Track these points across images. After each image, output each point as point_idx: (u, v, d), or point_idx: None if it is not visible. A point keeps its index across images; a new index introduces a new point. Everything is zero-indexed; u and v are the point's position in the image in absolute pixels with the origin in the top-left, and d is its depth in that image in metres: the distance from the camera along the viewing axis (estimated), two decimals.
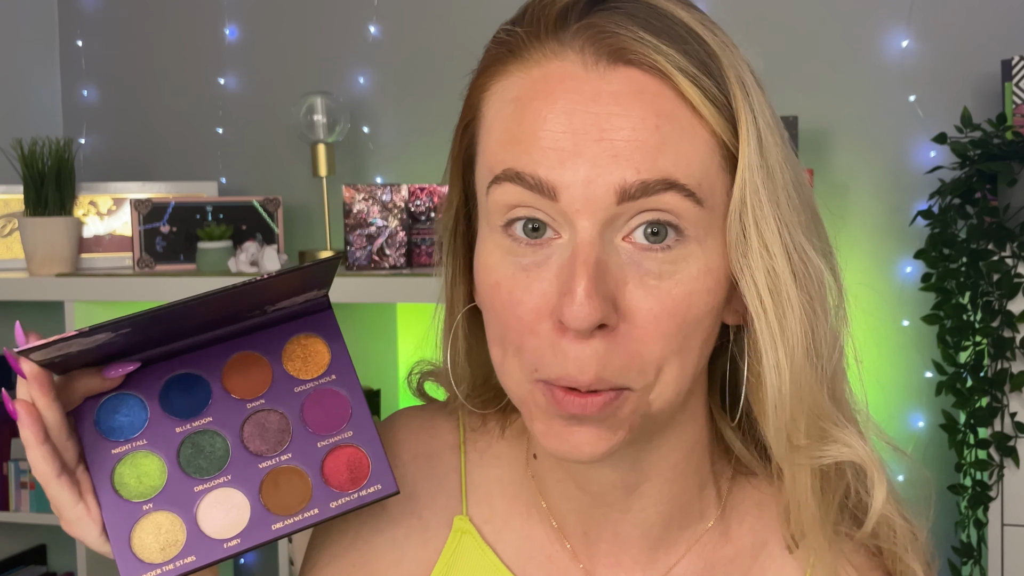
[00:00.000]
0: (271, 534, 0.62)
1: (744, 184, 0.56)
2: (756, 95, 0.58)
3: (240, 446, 0.64)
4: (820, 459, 0.60)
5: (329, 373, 0.66)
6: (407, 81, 2.33)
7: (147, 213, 2.08)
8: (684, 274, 0.56)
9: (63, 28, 2.56)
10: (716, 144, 0.56)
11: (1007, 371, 1.70)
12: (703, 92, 0.55)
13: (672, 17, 0.57)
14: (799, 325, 0.58)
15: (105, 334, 0.55)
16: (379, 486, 0.64)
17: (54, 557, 2.43)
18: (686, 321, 0.56)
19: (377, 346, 2.24)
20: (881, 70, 2.07)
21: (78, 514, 0.60)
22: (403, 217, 1.91)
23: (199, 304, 0.57)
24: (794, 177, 0.59)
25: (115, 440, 0.62)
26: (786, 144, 0.60)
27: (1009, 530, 1.73)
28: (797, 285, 0.58)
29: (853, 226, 2.09)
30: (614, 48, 0.55)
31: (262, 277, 0.58)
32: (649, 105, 0.55)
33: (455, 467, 0.72)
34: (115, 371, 0.61)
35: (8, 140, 2.13)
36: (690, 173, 0.55)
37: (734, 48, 0.59)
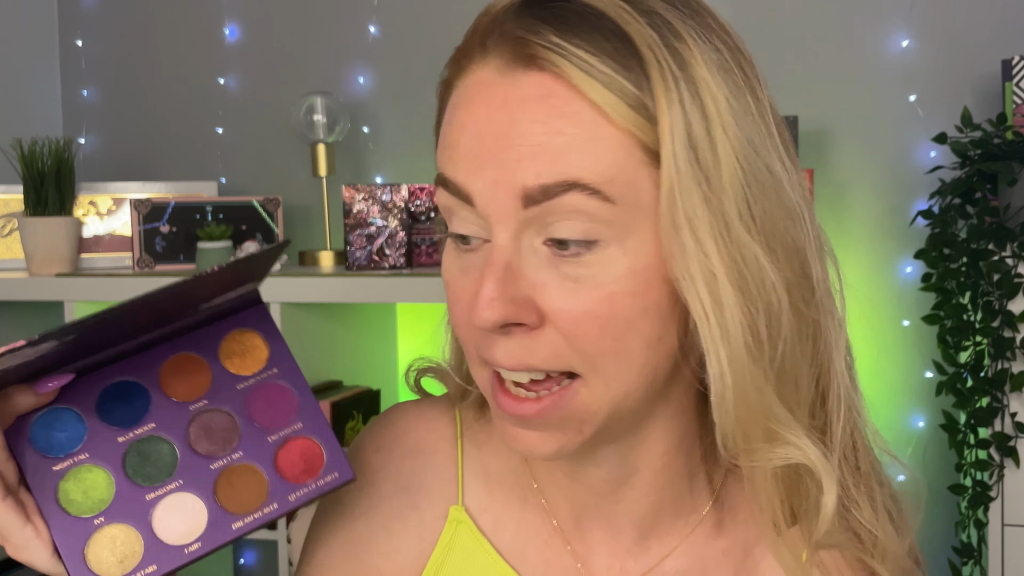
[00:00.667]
0: (232, 533, 0.61)
1: (670, 182, 0.54)
2: (708, 85, 0.55)
3: (188, 449, 0.62)
4: (771, 461, 0.59)
5: (270, 367, 0.66)
6: (407, 81, 2.33)
7: (147, 213, 2.08)
8: (603, 276, 0.56)
9: (63, 28, 2.56)
10: (633, 141, 0.55)
11: (1007, 371, 1.70)
12: (614, 92, 0.54)
13: (600, 15, 0.56)
14: (741, 331, 0.55)
15: (50, 343, 0.53)
16: (336, 474, 0.64)
17: None
18: (611, 323, 0.56)
19: (377, 346, 2.24)
20: (881, 70, 2.07)
21: (26, 537, 0.58)
22: (403, 217, 1.91)
23: (142, 304, 0.55)
24: (751, 171, 0.56)
25: (55, 456, 0.60)
26: (751, 136, 0.56)
27: (1009, 530, 1.73)
28: (740, 289, 0.55)
29: (853, 226, 2.09)
30: (525, 54, 0.56)
31: (206, 272, 0.56)
32: (554, 109, 0.55)
33: (452, 458, 0.72)
34: (47, 385, 0.59)
35: (8, 140, 2.13)
36: (596, 171, 0.54)
37: (688, 35, 0.56)
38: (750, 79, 0.58)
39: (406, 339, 2.33)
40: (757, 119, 0.57)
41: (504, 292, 0.56)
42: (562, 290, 0.56)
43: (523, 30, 0.56)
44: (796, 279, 0.57)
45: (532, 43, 0.56)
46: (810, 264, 0.58)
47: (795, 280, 0.57)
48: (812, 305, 0.58)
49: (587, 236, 0.55)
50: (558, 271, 0.56)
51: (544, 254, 0.57)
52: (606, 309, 0.56)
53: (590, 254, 0.56)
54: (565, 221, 0.55)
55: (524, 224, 0.56)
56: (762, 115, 0.58)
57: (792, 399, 0.59)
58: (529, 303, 0.56)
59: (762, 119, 0.58)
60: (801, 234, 0.57)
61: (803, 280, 0.58)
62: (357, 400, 2.00)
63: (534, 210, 0.55)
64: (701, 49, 0.56)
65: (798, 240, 0.57)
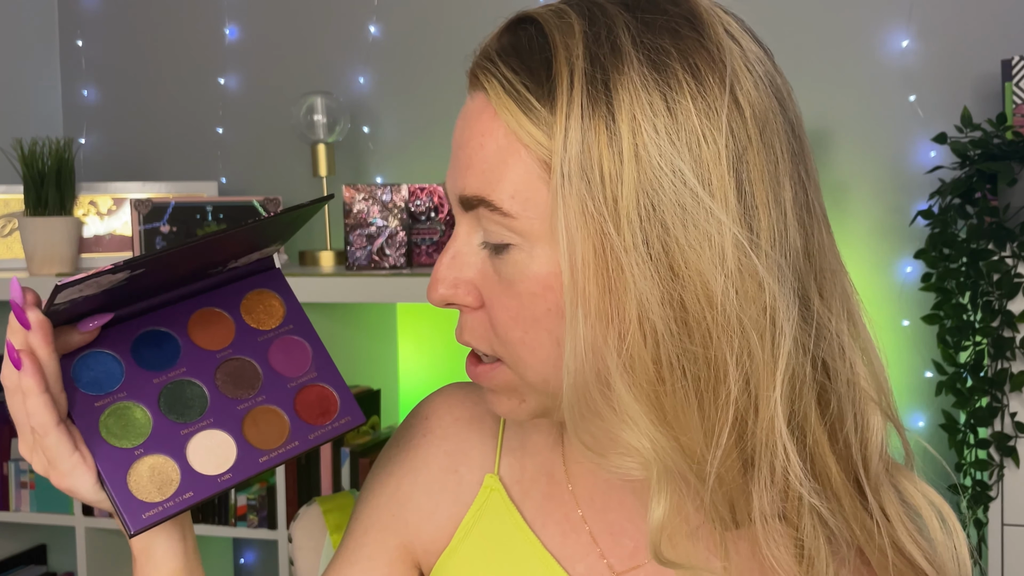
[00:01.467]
0: (259, 466, 0.67)
1: (554, 196, 0.58)
2: (631, 113, 0.57)
3: (216, 391, 0.68)
4: (606, 458, 0.64)
5: (287, 323, 0.73)
6: (407, 81, 2.33)
7: (147, 213, 2.08)
8: (516, 275, 0.62)
9: (63, 28, 2.56)
10: (536, 160, 0.60)
11: (1007, 371, 1.70)
12: (524, 111, 0.60)
13: (544, 42, 0.60)
14: (592, 345, 0.59)
15: (124, 272, 0.59)
16: (349, 417, 0.71)
17: (54, 557, 2.42)
18: (520, 317, 0.63)
19: (377, 346, 2.24)
20: (881, 70, 2.07)
21: (74, 462, 0.63)
22: (403, 217, 1.91)
23: (206, 244, 0.62)
24: (663, 197, 0.57)
25: (96, 394, 0.65)
26: (679, 167, 0.57)
27: (1009, 530, 1.73)
28: (604, 301, 0.58)
29: (853, 226, 2.09)
30: (473, 73, 0.64)
31: (267, 216, 0.64)
32: (480, 124, 0.62)
33: (493, 432, 0.79)
34: (90, 324, 0.64)
35: (8, 140, 2.13)
36: (501, 187, 0.61)
37: (632, 64, 0.57)
38: (725, 113, 0.58)
39: (406, 339, 2.33)
40: (709, 153, 0.57)
41: (447, 276, 0.65)
42: (491, 281, 0.64)
43: (481, 52, 0.64)
44: (695, 305, 0.57)
45: (477, 63, 0.64)
46: (717, 294, 0.57)
47: (694, 307, 0.57)
48: (714, 334, 0.58)
49: (501, 240, 0.62)
50: (492, 264, 0.64)
51: (486, 248, 0.64)
52: (516, 304, 0.62)
53: (508, 255, 0.62)
54: (486, 225, 0.63)
55: (471, 221, 0.65)
56: (724, 153, 0.57)
57: (669, 411, 0.59)
58: (471, 288, 0.65)
59: (722, 156, 0.57)
60: (711, 267, 0.57)
61: (707, 308, 0.57)
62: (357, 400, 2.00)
63: (471, 211, 0.64)
64: (643, 77, 0.57)
65: (703, 271, 0.57)
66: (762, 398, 0.59)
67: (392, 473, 0.80)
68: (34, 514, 2.12)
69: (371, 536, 0.78)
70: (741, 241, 0.57)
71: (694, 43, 0.59)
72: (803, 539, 0.62)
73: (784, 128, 0.61)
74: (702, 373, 0.59)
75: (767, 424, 0.59)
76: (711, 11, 0.61)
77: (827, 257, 0.63)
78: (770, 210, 0.59)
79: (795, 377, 0.60)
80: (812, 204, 0.62)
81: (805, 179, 0.62)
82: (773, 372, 0.59)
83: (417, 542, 0.77)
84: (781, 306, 0.58)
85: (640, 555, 0.72)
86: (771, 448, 0.60)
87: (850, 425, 0.64)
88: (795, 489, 0.61)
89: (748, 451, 0.61)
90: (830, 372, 0.63)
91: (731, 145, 0.58)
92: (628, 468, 0.62)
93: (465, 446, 0.79)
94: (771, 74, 0.63)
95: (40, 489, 2.11)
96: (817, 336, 0.61)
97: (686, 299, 0.57)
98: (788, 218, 0.59)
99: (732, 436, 0.60)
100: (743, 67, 0.60)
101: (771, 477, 0.61)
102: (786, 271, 0.59)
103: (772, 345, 0.59)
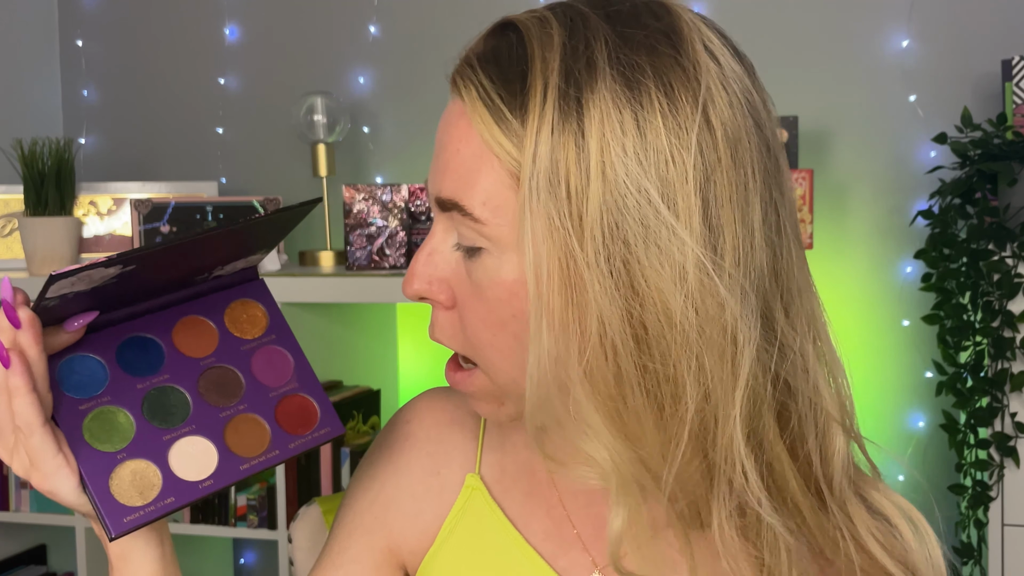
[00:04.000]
0: (240, 474, 0.68)
1: (521, 206, 0.59)
2: (600, 130, 0.57)
3: (199, 398, 0.69)
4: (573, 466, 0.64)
5: (269, 334, 0.74)
6: (407, 81, 2.33)
7: (147, 213, 2.08)
8: (485, 280, 0.63)
9: (63, 28, 2.56)
10: (506, 170, 0.60)
11: (1007, 371, 1.70)
12: (496, 121, 0.60)
13: (523, 52, 0.61)
14: (548, 349, 0.59)
15: (117, 267, 0.60)
16: (328, 428, 0.72)
17: (54, 557, 2.43)
18: (487, 320, 0.64)
19: (377, 346, 2.24)
20: (881, 70, 2.07)
21: (58, 464, 0.63)
22: (403, 217, 1.91)
23: (198, 241, 0.62)
24: (627, 215, 0.57)
25: (80, 397, 0.65)
26: (644, 185, 0.57)
27: (1009, 530, 1.73)
28: (566, 311, 0.59)
29: (853, 226, 2.09)
30: (453, 79, 0.64)
31: (258, 216, 0.65)
32: (458, 130, 0.63)
33: (474, 432, 0.80)
34: (76, 323, 0.64)
35: (8, 140, 2.13)
36: (472, 194, 0.62)
37: (605, 80, 0.58)
38: (695, 132, 0.58)
39: (406, 339, 2.33)
40: (676, 173, 0.57)
41: (423, 272, 0.66)
42: (463, 282, 0.65)
43: (464, 56, 0.64)
44: (655, 322, 0.58)
45: (458, 69, 0.64)
46: (676, 313, 0.57)
47: (653, 324, 0.58)
48: (673, 352, 0.58)
49: (473, 244, 0.63)
50: (465, 265, 0.65)
51: (459, 249, 0.65)
52: (484, 307, 0.64)
53: (479, 259, 0.63)
54: (460, 228, 0.64)
55: (448, 221, 0.65)
56: (691, 172, 0.58)
57: (627, 424, 0.60)
58: (445, 286, 0.66)
59: (689, 176, 0.57)
60: (671, 286, 0.57)
61: (666, 326, 0.58)
62: (357, 400, 2.00)
63: (446, 213, 0.64)
64: (615, 95, 0.57)
65: (663, 289, 0.57)
66: (721, 415, 0.59)
67: (375, 477, 0.80)
68: (34, 514, 2.12)
69: (355, 539, 0.79)
70: (703, 261, 0.57)
71: (670, 60, 0.59)
72: (761, 554, 0.63)
73: (759, 147, 0.60)
74: (660, 389, 0.59)
75: (726, 441, 0.60)
76: (692, 26, 0.61)
77: (795, 277, 0.63)
78: (736, 230, 0.58)
79: (755, 396, 0.60)
80: (783, 224, 0.62)
81: (778, 199, 0.61)
82: (732, 390, 0.59)
83: (402, 544, 0.78)
84: (742, 326, 0.58)
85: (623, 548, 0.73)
86: (730, 464, 0.60)
87: (812, 443, 0.64)
88: (752, 507, 0.61)
89: (709, 464, 0.61)
90: (792, 390, 0.63)
91: (699, 165, 0.57)
92: (587, 477, 0.62)
93: (446, 447, 0.80)
94: (748, 91, 0.61)
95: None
96: (780, 355, 0.61)
97: (646, 317, 0.58)
98: (756, 238, 0.59)
99: (690, 450, 0.60)
100: (719, 85, 0.59)
101: (729, 492, 0.61)
102: (748, 291, 0.59)
103: (732, 364, 0.59)
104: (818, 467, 0.64)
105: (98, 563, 2.07)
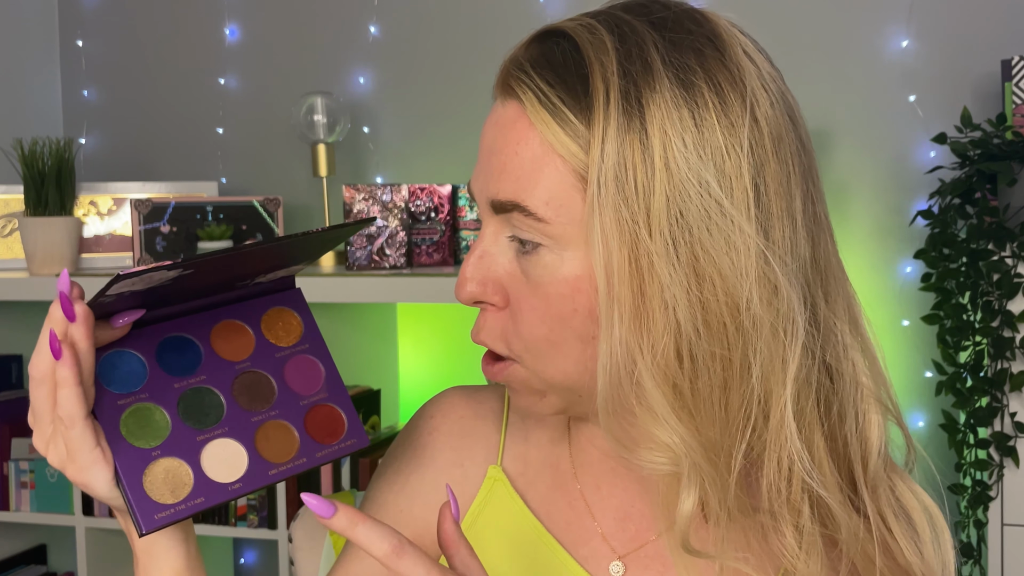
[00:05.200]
0: (269, 479, 0.68)
1: (590, 204, 0.62)
2: (661, 127, 0.61)
3: (232, 402, 0.69)
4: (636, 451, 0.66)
5: (303, 342, 0.74)
6: (407, 81, 2.33)
7: (147, 213, 2.08)
8: (545, 276, 0.65)
9: (63, 28, 2.56)
10: (570, 169, 0.63)
11: (1007, 371, 1.70)
12: (559, 122, 0.63)
13: (579, 54, 0.63)
14: (626, 342, 0.62)
15: (177, 271, 0.61)
16: (354, 440, 0.73)
17: (54, 557, 2.43)
18: (547, 316, 0.66)
19: (377, 346, 2.24)
20: (881, 70, 2.07)
21: (95, 458, 0.63)
22: (403, 217, 1.91)
23: (253, 252, 0.64)
24: (690, 205, 0.60)
25: (120, 392, 0.66)
26: (705, 177, 0.61)
27: (1009, 530, 1.73)
28: (636, 303, 0.61)
29: (853, 226, 2.09)
30: (506, 83, 0.66)
31: (312, 231, 0.66)
32: (515, 133, 0.65)
33: (497, 427, 0.82)
34: (121, 320, 0.65)
35: (8, 140, 2.13)
36: (535, 194, 0.64)
37: (661, 79, 0.61)
38: (746, 129, 0.62)
39: (406, 339, 2.33)
40: (732, 166, 0.61)
41: (475, 275, 0.68)
42: (519, 280, 0.67)
43: (512, 62, 0.66)
44: (719, 308, 0.61)
45: (511, 73, 0.66)
46: (741, 298, 0.61)
47: (717, 309, 0.61)
48: (736, 336, 0.62)
49: (534, 240, 0.65)
50: (519, 264, 0.67)
51: (513, 248, 0.67)
52: (543, 304, 0.65)
53: (538, 255, 0.65)
54: (519, 227, 0.66)
55: (500, 223, 0.67)
56: (745, 166, 0.61)
57: (694, 409, 0.63)
58: (499, 287, 0.68)
59: (743, 169, 0.61)
60: (734, 272, 0.61)
61: (729, 311, 0.61)
62: (357, 400, 2.00)
63: (502, 216, 0.67)
64: (673, 94, 0.61)
65: (727, 276, 0.61)
66: (774, 396, 0.63)
67: (399, 471, 0.82)
68: (34, 514, 2.12)
69: None
70: (761, 248, 0.61)
71: (717, 63, 0.63)
72: (803, 526, 0.66)
73: (796, 144, 0.65)
74: (723, 373, 0.62)
75: (777, 421, 0.63)
76: (730, 32, 0.65)
77: (832, 264, 0.67)
78: (783, 221, 0.63)
79: (802, 377, 0.64)
80: (820, 215, 0.66)
81: (813, 192, 0.66)
82: (785, 372, 0.63)
83: (426, 535, 0.79)
84: (795, 311, 0.62)
85: (642, 537, 0.75)
86: (780, 444, 0.64)
87: (851, 423, 0.67)
88: (799, 480, 0.64)
89: (756, 447, 0.65)
90: (832, 373, 0.67)
91: (750, 159, 0.62)
92: (658, 463, 0.64)
93: (470, 441, 0.82)
94: (783, 93, 0.66)
95: (40, 489, 2.11)
96: (823, 338, 0.65)
97: (711, 302, 0.61)
98: (799, 229, 0.64)
99: (751, 432, 0.63)
100: (760, 87, 0.64)
101: (779, 471, 0.64)
102: (798, 277, 0.63)
103: (784, 348, 0.63)
104: (855, 449, 0.68)
105: (98, 563, 2.07)
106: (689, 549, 0.65)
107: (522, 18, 2.17)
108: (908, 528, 0.70)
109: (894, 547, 0.69)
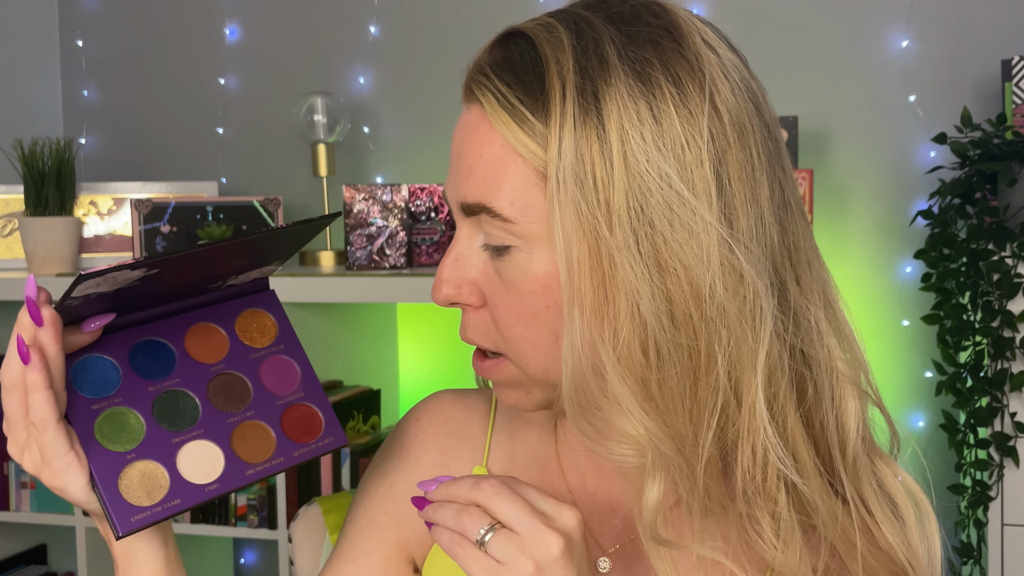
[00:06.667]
0: (245, 479, 0.69)
1: (550, 200, 0.62)
2: (619, 122, 0.61)
3: (208, 403, 0.70)
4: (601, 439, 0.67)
5: (278, 343, 0.75)
6: (407, 81, 2.33)
7: (147, 213, 2.08)
8: (518, 276, 0.66)
9: (63, 28, 2.56)
10: (532, 169, 0.63)
11: (1007, 371, 1.70)
12: (518, 123, 0.63)
13: (535, 55, 0.64)
14: (582, 334, 0.63)
15: (141, 270, 0.61)
16: (332, 438, 0.74)
17: (54, 557, 2.43)
18: (521, 314, 0.66)
19: (377, 346, 2.24)
20: (881, 70, 2.07)
21: (69, 461, 0.64)
22: (403, 217, 1.91)
23: (218, 249, 0.64)
24: (650, 198, 0.60)
25: (93, 397, 0.66)
26: (665, 170, 0.60)
27: (1009, 530, 1.73)
28: (597, 294, 0.62)
29: (853, 226, 2.09)
30: (467, 87, 0.68)
31: (278, 227, 0.66)
32: (478, 136, 0.66)
33: (483, 428, 0.83)
34: (92, 324, 0.65)
35: (8, 140, 2.13)
36: (500, 195, 0.64)
37: (618, 75, 0.61)
38: (705, 119, 0.62)
39: (406, 339, 2.33)
40: (692, 156, 0.61)
41: (451, 277, 0.69)
42: (492, 281, 0.67)
43: (475, 67, 0.67)
44: (683, 299, 0.61)
45: (472, 78, 0.67)
46: (705, 288, 0.61)
47: (682, 300, 0.61)
48: (701, 326, 0.62)
49: (502, 243, 0.66)
50: (493, 265, 0.67)
51: (487, 250, 0.68)
52: (517, 302, 0.66)
53: (509, 256, 0.66)
54: (488, 229, 0.66)
55: (472, 225, 0.68)
56: (706, 156, 0.61)
57: (660, 400, 0.63)
58: (474, 288, 0.69)
59: (704, 159, 0.61)
60: (698, 262, 0.61)
61: (694, 302, 0.61)
62: (357, 400, 2.00)
63: (472, 217, 0.67)
64: (629, 87, 0.61)
65: (690, 266, 0.61)
66: (744, 384, 0.63)
67: (386, 473, 0.83)
68: (34, 514, 2.12)
69: (367, 533, 0.81)
70: (724, 237, 0.61)
71: (674, 53, 0.63)
72: (780, 514, 0.66)
73: (760, 130, 0.64)
74: (690, 363, 0.62)
75: (749, 409, 0.64)
76: (689, 22, 0.65)
77: (803, 249, 0.67)
78: (748, 208, 0.63)
79: (773, 364, 0.64)
80: (788, 200, 0.66)
81: (781, 176, 0.66)
82: (754, 360, 0.63)
83: (412, 537, 0.80)
84: (761, 298, 0.62)
85: (627, 533, 0.75)
86: (753, 432, 0.64)
87: (827, 408, 0.67)
88: (774, 468, 0.65)
89: (730, 436, 0.65)
90: (807, 357, 0.67)
91: (711, 148, 0.62)
92: (625, 454, 0.65)
93: (455, 443, 0.82)
94: (746, 80, 0.66)
95: (40, 489, 2.11)
96: (795, 325, 0.66)
97: (674, 293, 0.61)
98: (765, 214, 0.64)
99: (719, 421, 0.63)
100: (720, 75, 0.63)
101: (753, 459, 0.65)
102: (765, 264, 0.63)
103: (752, 335, 0.63)
104: (833, 433, 0.67)
105: (98, 563, 2.07)
106: (658, 539, 0.65)
107: (522, 18, 2.16)
108: (892, 513, 0.70)
109: (876, 532, 0.69)
